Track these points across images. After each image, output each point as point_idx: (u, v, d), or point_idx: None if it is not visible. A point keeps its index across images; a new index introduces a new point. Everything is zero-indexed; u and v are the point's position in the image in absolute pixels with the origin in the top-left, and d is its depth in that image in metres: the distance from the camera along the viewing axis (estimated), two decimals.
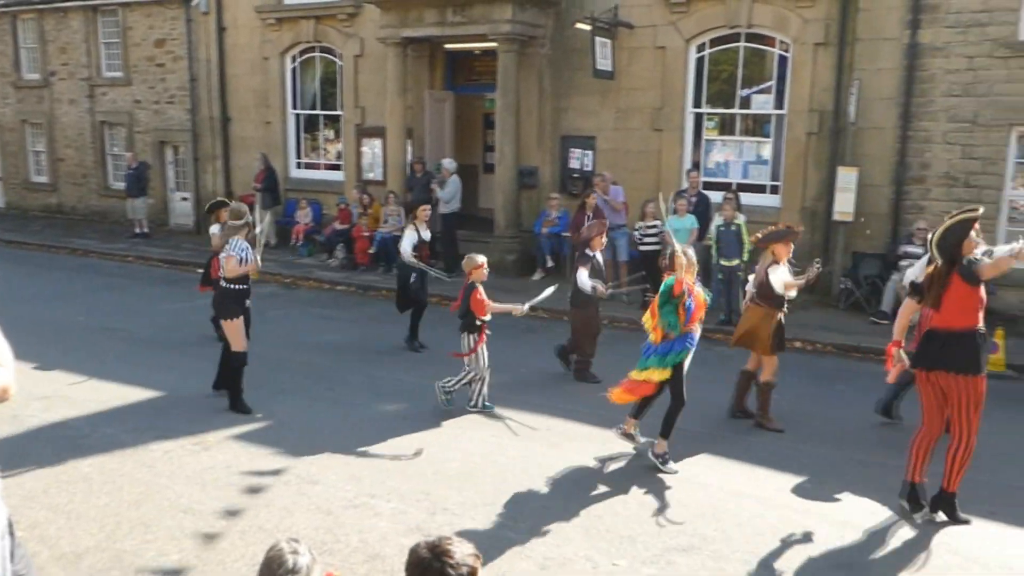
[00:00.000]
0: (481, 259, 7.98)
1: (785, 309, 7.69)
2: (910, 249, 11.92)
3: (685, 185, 13.27)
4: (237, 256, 7.60)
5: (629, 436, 7.01)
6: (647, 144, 14.36)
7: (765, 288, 7.54)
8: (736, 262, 11.47)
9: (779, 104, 13.48)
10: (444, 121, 16.57)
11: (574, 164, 15.15)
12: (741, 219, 11.66)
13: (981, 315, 5.62)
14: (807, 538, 5.57)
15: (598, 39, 13.80)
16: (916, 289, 5.84)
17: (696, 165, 13.98)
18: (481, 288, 7.89)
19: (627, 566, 5.08)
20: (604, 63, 13.97)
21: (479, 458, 6.82)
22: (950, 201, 12.27)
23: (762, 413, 7.77)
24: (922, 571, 5.18)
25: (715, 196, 12.92)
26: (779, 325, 7.65)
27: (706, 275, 12.18)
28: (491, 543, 5.28)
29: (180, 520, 5.61)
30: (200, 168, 19.40)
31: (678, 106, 14.05)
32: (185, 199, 19.95)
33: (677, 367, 6.62)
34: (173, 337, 10.58)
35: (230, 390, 7.89)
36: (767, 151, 13.86)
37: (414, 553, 2.63)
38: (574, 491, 6.22)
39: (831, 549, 5.43)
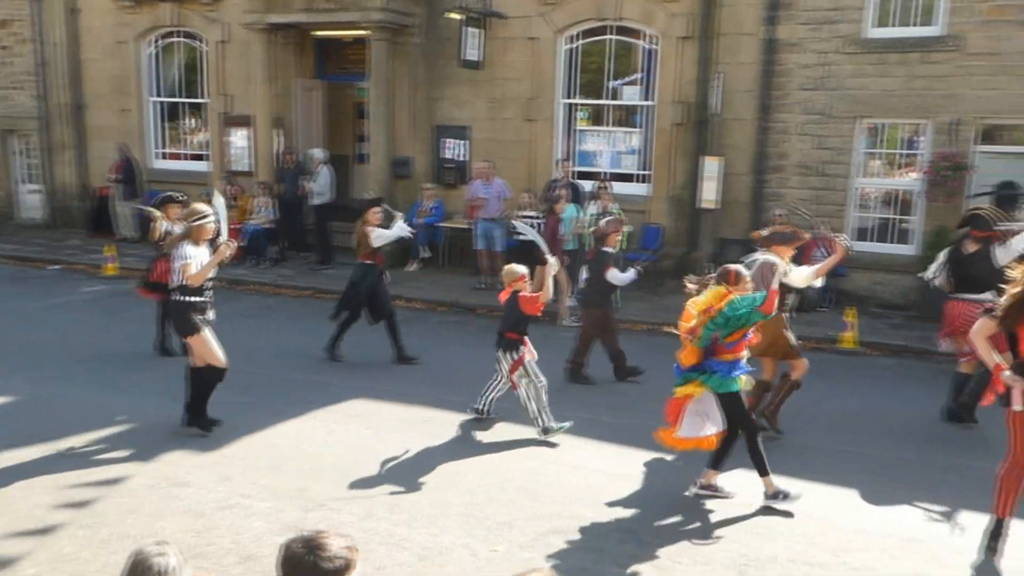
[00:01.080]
0: (522, 270, 7.30)
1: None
2: None
3: (557, 175, 13.45)
4: (195, 262, 6.71)
5: (711, 488, 6.04)
6: (520, 134, 14.48)
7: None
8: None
9: (647, 95, 13.85)
10: (315, 110, 16.21)
11: (448, 154, 15.11)
12: (616, 208, 11.92)
13: None
14: (680, 512, 5.76)
15: (468, 29, 13.80)
16: (993, 311, 5.18)
17: (567, 155, 14.21)
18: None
19: (505, 551, 5.12)
20: (472, 53, 13.99)
21: (356, 451, 6.72)
22: (805, 189, 12.95)
23: (774, 411, 7.36)
24: (778, 536, 5.45)
25: (586, 185, 13.16)
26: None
27: (582, 262, 12.43)
28: (369, 536, 5.22)
29: (33, 531, 5.28)
30: (52, 159, 18.25)
31: (550, 97, 14.22)
32: (36, 191, 18.75)
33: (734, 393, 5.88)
34: (28, 339, 9.94)
35: (193, 403, 7.00)
36: (636, 141, 14.22)
37: (287, 549, 2.57)
38: (452, 481, 6.22)
39: (705, 522, 5.63)
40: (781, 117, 12.96)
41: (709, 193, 13.04)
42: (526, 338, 7.22)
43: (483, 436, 7.18)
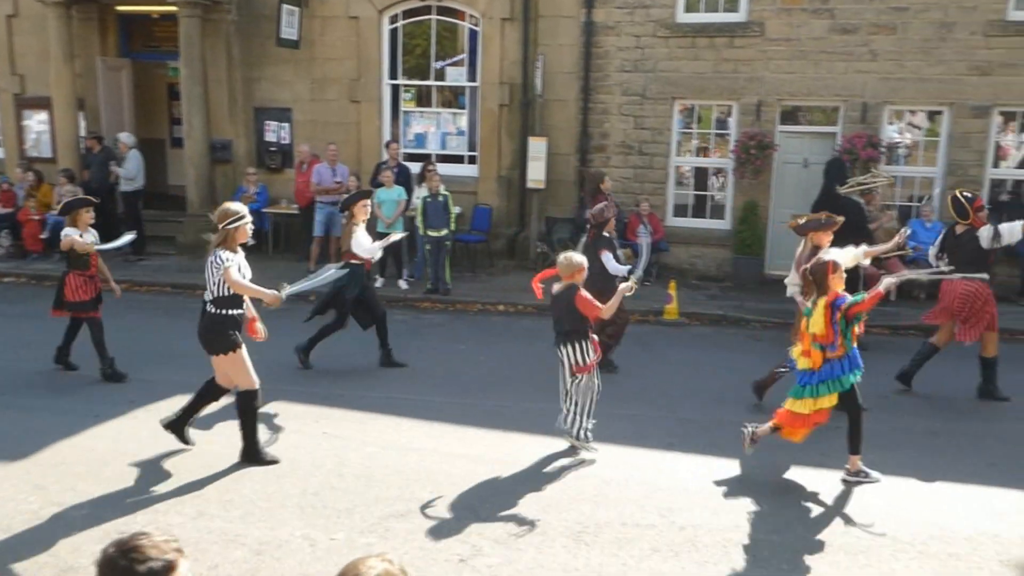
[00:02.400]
0: (581, 259, 6.56)
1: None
2: None
3: (385, 157, 13.29)
4: (236, 266, 5.97)
5: (859, 474, 6.07)
6: (345, 116, 14.20)
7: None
8: (444, 232, 11.71)
9: (472, 77, 13.91)
10: (122, 91, 15.18)
11: (271, 137, 14.62)
12: (443, 190, 11.92)
13: None
14: (517, 487, 5.87)
15: (285, 7, 13.38)
16: None
17: (395, 136, 14.08)
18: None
19: (345, 538, 5.04)
20: (289, 32, 13.58)
21: (184, 449, 6.40)
22: (627, 168, 13.46)
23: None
24: (597, 502, 5.67)
25: (414, 167, 13.09)
26: None
27: (411, 245, 12.39)
28: (201, 535, 5.00)
29: None
30: None
31: (374, 77, 14.01)
32: None
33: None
34: None
35: (245, 439, 6.19)
36: (463, 122, 14.27)
37: (103, 554, 2.39)
38: (289, 471, 6.05)
39: (541, 494, 5.76)
40: (602, 98, 13.38)
41: (536, 173, 13.30)
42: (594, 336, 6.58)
43: (320, 425, 7.02)
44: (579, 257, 6.59)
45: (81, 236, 7.88)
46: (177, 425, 6.36)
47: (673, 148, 13.46)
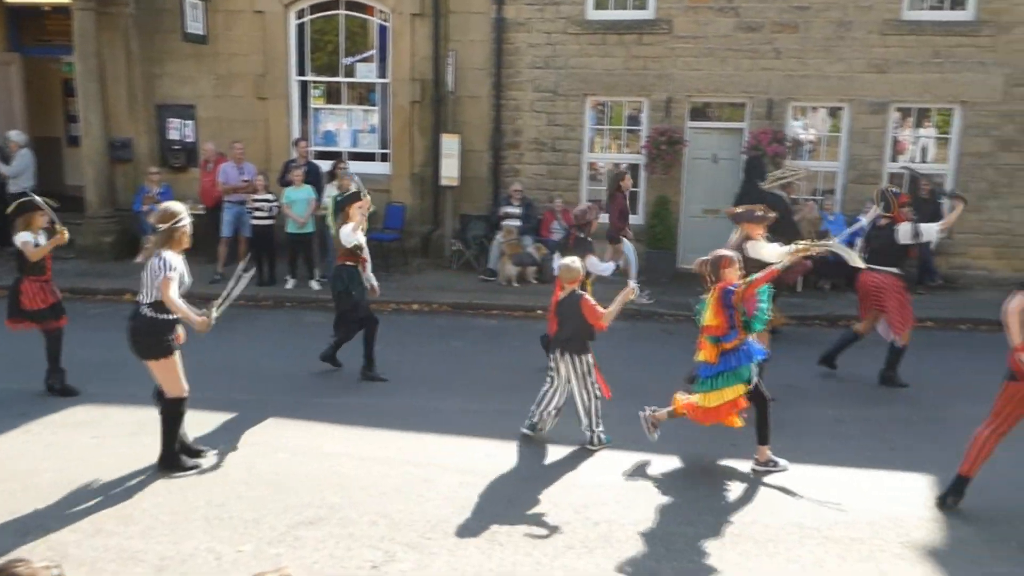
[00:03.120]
0: (579, 265, 6.64)
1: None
2: (509, 210, 12.91)
3: (294, 155, 12.99)
4: (177, 279, 5.70)
5: (770, 461, 6.22)
6: (252, 113, 13.82)
7: (751, 261, 7.06)
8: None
9: (382, 73, 13.72)
10: (12, 87, 14.46)
11: (174, 135, 14.12)
12: (358, 183, 11.70)
13: None
14: (429, 489, 5.79)
15: (188, 0, 12.92)
16: None
17: (304, 134, 13.79)
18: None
19: (253, 550, 4.88)
20: (195, 26, 13.15)
21: (79, 463, 6.09)
22: (540, 164, 13.48)
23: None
24: (538, 505, 5.65)
25: (325, 165, 12.84)
26: None
27: (322, 245, 12.15)
28: (97, 553, 4.76)
29: None
30: None
31: (282, 74, 13.69)
32: None
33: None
34: None
35: (164, 446, 6.00)
36: (375, 119, 14.07)
37: None
38: (194, 482, 5.83)
39: (454, 496, 5.69)
40: (514, 95, 13.36)
41: (449, 170, 13.20)
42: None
43: (225, 432, 6.79)
44: (578, 263, 6.64)
45: (36, 241, 7.39)
46: (172, 463, 6.04)
47: (586, 144, 13.55)
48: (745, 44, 12.74)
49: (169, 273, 5.63)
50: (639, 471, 6.21)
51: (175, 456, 6.03)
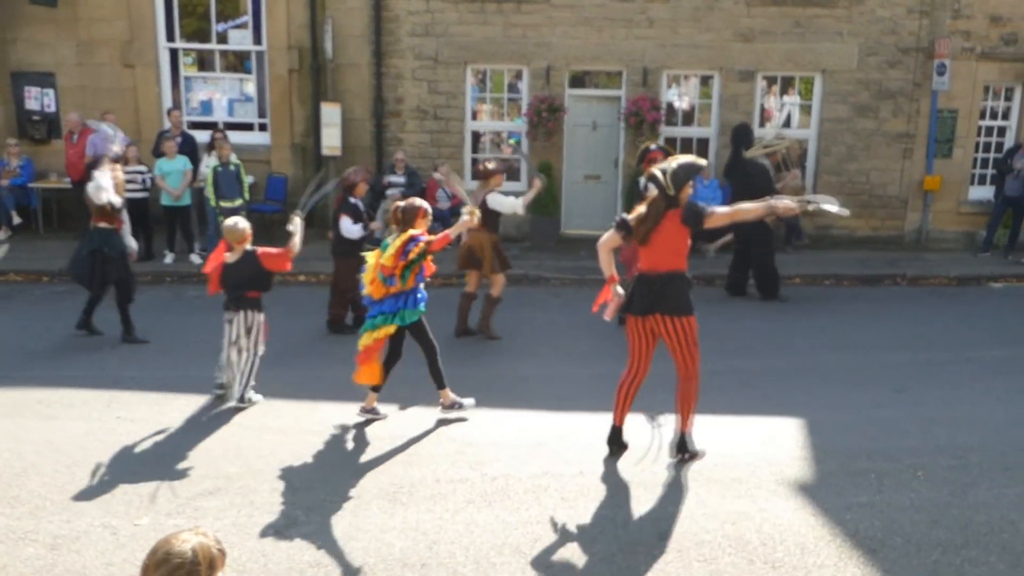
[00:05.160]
0: (246, 226, 6.71)
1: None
2: (393, 179, 12.86)
3: (167, 125, 12.54)
4: None
5: (373, 411, 6.54)
6: (119, 81, 13.23)
7: (487, 214, 8.17)
8: (238, 202, 11.25)
9: (258, 40, 13.36)
10: None
11: (33, 105, 13.36)
12: (235, 159, 11.43)
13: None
14: (327, 455, 5.84)
15: None
16: (623, 225, 5.58)
17: (177, 104, 13.30)
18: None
19: (151, 523, 4.81)
20: None
21: None
22: (423, 133, 13.47)
23: (484, 324, 8.70)
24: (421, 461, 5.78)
25: (202, 136, 12.46)
26: (497, 246, 8.53)
27: (202, 217, 11.83)
28: None
29: None
30: None
31: (150, 40, 13.14)
32: None
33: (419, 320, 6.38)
34: None
35: None
36: (251, 88, 13.70)
37: None
38: (82, 461, 5.66)
39: (351, 460, 5.76)
40: (394, 63, 13.27)
41: (331, 140, 13.03)
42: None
43: (112, 409, 6.60)
44: (243, 223, 6.73)
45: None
46: None
47: (468, 112, 13.61)
48: (620, 13, 13.05)
49: None
50: (531, 427, 6.42)
51: None
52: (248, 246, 6.70)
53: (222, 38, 13.46)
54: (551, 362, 8.11)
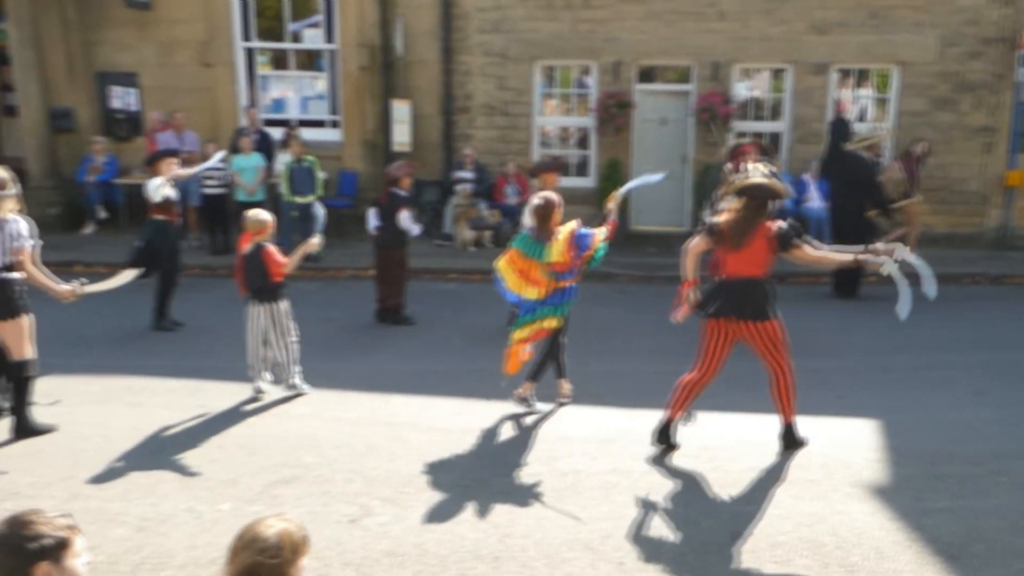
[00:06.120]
0: (268, 218, 6.75)
1: None
2: (462, 175, 12.98)
3: (244, 123, 12.86)
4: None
5: (526, 400, 6.62)
6: (198, 81, 13.60)
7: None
8: (311, 198, 11.51)
9: (330, 39, 13.60)
10: None
11: (117, 104, 13.83)
12: (309, 156, 11.70)
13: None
14: (400, 446, 5.94)
15: None
16: (712, 230, 5.60)
17: (252, 101, 13.63)
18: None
19: (232, 508, 4.98)
20: None
21: (46, 434, 6.10)
22: (492, 129, 13.55)
23: None
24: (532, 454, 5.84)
25: (275, 133, 12.75)
26: None
27: (278, 213, 12.09)
28: (78, 516, 4.75)
29: None
30: None
31: (226, 40, 13.48)
32: None
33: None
34: None
35: (16, 410, 6.01)
36: (323, 86, 13.96)
37: None
38: (164, 447, 5.88)
39: (425, 453, 5.85)
40: (463, 59, 13.37)
41: (401, 136, 13.20)
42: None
43: (195, 398, 6.83)
44: (264, 214, 6.71)
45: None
46: (27, 428, 6.02)
47: (536, 108, 13.64)
48: (689, 7, 12.91)
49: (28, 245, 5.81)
50: (602, 424, 6.43)
51: (29, 420, 6.04)
52: (264, 239, 6.70)
53: (295, 37, 13.75)
54: (617, 359, 8.10)
